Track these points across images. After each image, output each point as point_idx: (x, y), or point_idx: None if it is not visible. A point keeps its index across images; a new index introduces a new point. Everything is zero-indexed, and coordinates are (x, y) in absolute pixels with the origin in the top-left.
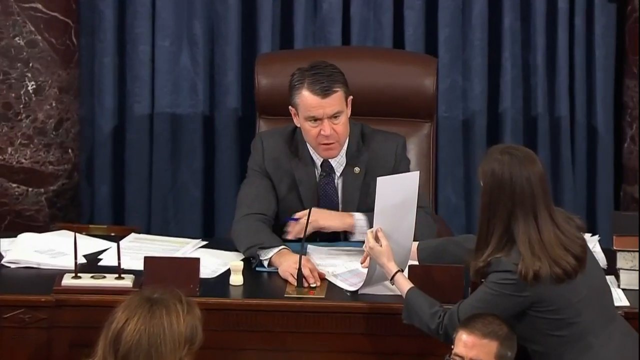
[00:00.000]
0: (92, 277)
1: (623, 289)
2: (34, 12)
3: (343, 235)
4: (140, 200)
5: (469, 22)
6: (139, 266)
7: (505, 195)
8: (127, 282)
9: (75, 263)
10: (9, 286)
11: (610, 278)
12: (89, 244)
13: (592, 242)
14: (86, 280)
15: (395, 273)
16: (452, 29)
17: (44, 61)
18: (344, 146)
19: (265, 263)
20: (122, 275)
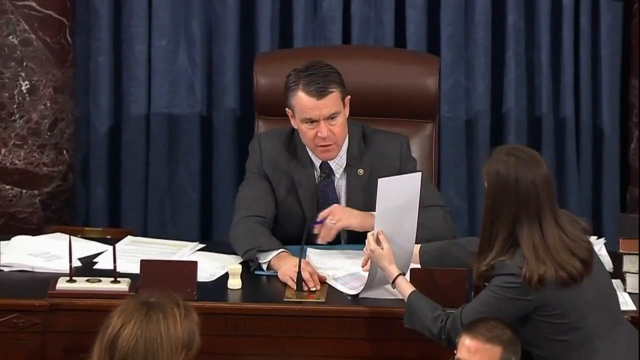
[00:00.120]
0: (87, 280)
1: (629, 293)
2: (28, 10)
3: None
4: (136, 202)
5: (472, 21)
6: (135, 270)
7: (510, 198)
8: (123, 285)
9: (70, 266)
10: (2, 290)
11: (616, 281)
12: (84, 247)
13: (597, 244)
14: (81, 284)
15: (397, 276)
16: (454, 28)
17: (38, 60)
18: (344, 147)
19: (264, 266)
20: (118, 279)
